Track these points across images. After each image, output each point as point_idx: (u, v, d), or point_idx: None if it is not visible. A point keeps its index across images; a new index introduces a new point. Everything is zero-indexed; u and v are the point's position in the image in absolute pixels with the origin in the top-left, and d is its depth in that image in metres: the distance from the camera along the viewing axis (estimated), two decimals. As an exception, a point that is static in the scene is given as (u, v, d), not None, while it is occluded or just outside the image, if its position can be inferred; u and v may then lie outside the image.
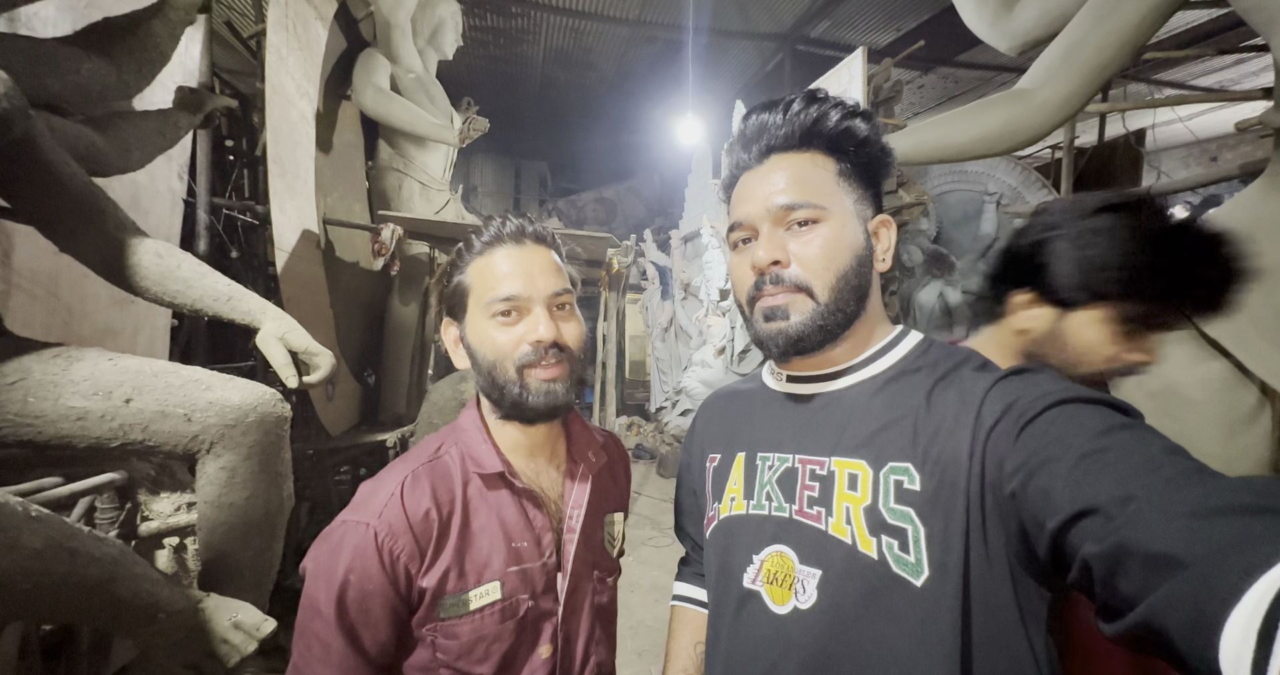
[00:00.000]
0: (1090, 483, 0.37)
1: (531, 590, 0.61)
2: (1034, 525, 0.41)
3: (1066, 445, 0.40)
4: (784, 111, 0.57)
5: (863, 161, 0.57)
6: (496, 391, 0.61)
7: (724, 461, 0.64)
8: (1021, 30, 1.62)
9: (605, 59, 6.34)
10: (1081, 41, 1.32)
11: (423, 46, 3.73)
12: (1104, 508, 0.36)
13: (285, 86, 2.22)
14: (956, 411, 0.48)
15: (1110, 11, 1.27)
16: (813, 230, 0.54)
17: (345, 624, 0.54)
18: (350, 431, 3.14)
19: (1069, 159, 2.66)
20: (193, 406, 0.93)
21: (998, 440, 0.45)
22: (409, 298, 3.57)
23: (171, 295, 1.05)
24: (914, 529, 0.47)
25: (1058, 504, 0.38)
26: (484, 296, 0.61)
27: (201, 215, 2.26)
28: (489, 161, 9.25)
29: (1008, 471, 0.43)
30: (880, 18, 5.16)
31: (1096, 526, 0.36)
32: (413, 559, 0.56)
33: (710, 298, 4.54)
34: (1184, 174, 6.17)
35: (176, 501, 1.05)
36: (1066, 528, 0.38)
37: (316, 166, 2.63)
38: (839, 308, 0.54)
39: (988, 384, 0.48)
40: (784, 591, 0.52)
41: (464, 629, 0.57)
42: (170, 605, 0.85)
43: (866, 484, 0.50)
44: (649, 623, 2.66)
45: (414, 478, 0.59)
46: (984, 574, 0.45)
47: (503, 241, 0.62)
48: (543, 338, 0.59)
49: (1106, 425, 0.40)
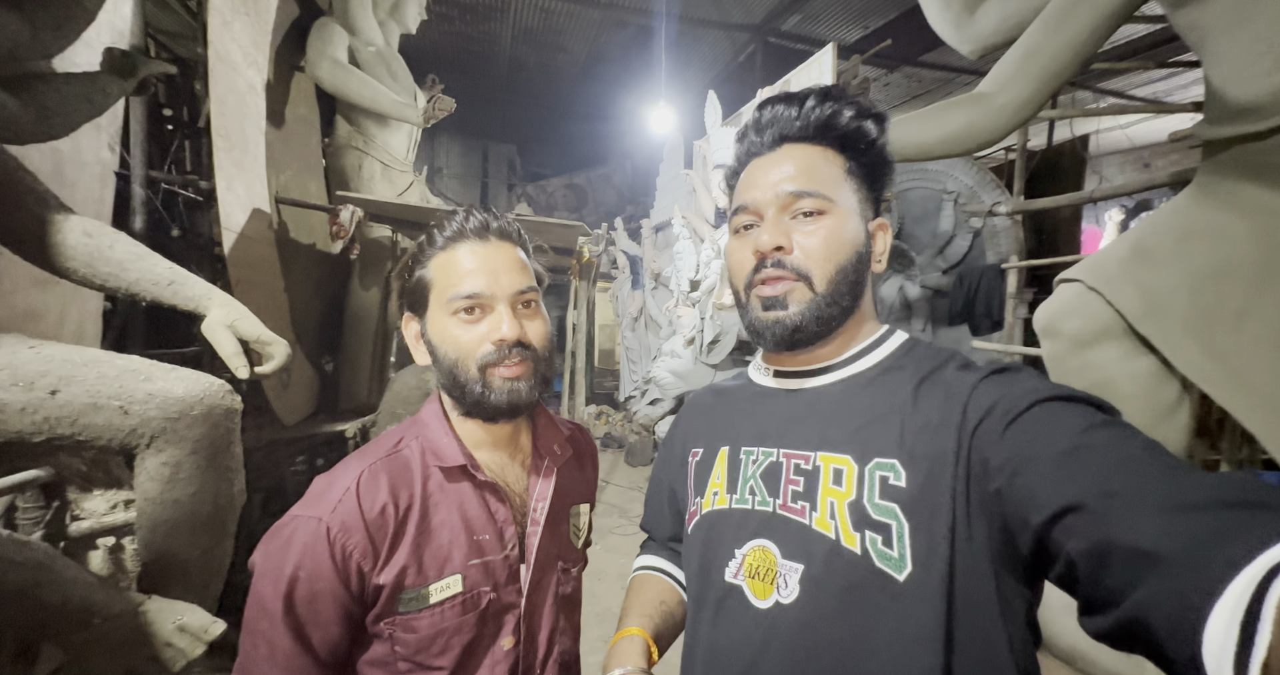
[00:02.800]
0: (1073, 479, 0.37)
1: (494, 582, 0.61)
2: (1018, 522, 0.41)
3: (1049, 443, 0.40)
4: (800, 104, 0.57)
5: (869, 162, 0.58)
6: (458, 389, 0.60)
7: (706, 455, 0.63)
8: (982, 35, 1.67)
9: (576, 42, 6.19)
10: (1037, 49, 1.37)
11: (383, 18, 3.54)
12: (1087, 504, 0.36)
13: (231, 53, 2.06)
14: (942, 409, 0.48)
15: (1063, 22, 1.33)
16: (817, 221, 0.54)
17: (293, 623, 0.52)
18: (307, 421, 3.02)
19: (1022, 161, 2.78)
20: (130, 398, 0.87)
21: (983, 437, 0.45)
22: (370, 282, 3.44)
23: (103, 278, 0.97)
24: (898, 524, 0.46)
25: (1041, 501, 0.39)
26: (446, 293, 0.59)
27: (137, 190, 2.10)
28: (455, 143, 8.92)
29: (992, 468, 0.43)
30: (849, 14, 5.22)
31: (1079, 523, 0.36)
32: (366, 556, 0.54)
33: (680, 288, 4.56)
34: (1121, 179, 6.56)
35: (112, 499, 0.98)
36: (1050, 524, 0.38)
37: (268, 141, 2.47)
38: (836, 300, 0.54)
39: (973, 382, 0.49)
40: (766, 586, 0.52)
41: (423, 623, 0.56)
42: (106, 609, 0.80)
43: (852, 479, 0.50)
44: (615, 610, 2.66)
45: (371, 473, 0.58)
46: (967, 571, 0.45)
47: (466, 237, 0.61)
48: (505, 337, 0.58)
49: (1087, 422, 0.41)
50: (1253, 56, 1.15)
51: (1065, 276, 1.52)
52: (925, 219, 4.33)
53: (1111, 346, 1.43)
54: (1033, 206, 2.68)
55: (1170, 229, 1.38)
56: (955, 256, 4.18)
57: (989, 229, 4.07)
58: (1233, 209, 1.28)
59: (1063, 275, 1.54)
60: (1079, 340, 1.48)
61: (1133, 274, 1.39)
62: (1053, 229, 4.03)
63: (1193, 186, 1.39)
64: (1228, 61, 1.20)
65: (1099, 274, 1.44)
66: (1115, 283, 1.41)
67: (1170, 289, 1.33)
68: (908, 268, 4.34)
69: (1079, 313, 1.47)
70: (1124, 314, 1.39)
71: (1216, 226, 1.29)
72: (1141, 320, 1.36)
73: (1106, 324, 1.43)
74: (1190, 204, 1.37)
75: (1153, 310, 1.35)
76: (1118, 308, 1.40)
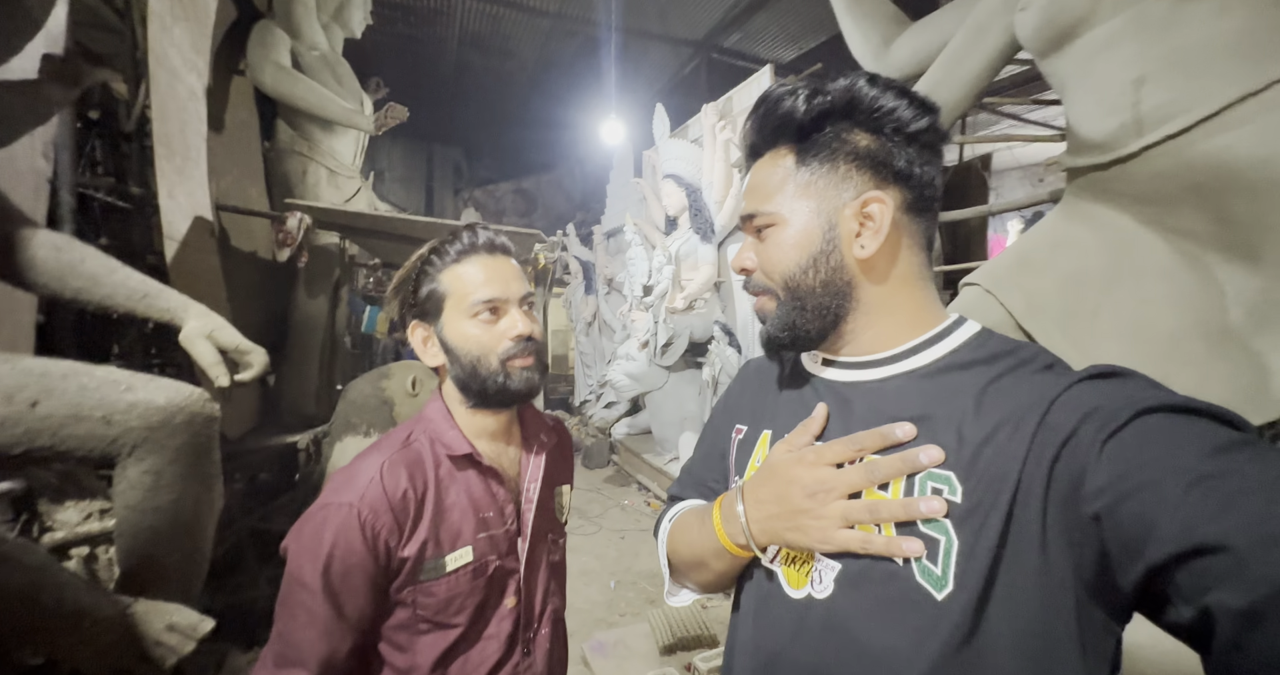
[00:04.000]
0: (1211, 514, 0.32)
1: (498, 552, 0.72)
2: (1124, 554, 0.36)
3: (1171, 466, 0.35)
4: (749, 121, 0.56)
5: (830, 142, 0.51)
6: (478, 382, 0.70)
7: (749, 436, 0.61)
8: (897, 65, 1.91)
9: (525, 48, 6.23)
10: (939, 84, 1.61)
11: (327, 22, 3.48)
12: (1237, 548, 0.31)
13: (171, 59, 2.00)
14: (1015, 418, 0.43)
15: (961, 61, 1.58)
16: (768, 235, 0.54)
17: (330, 592, 0.61)
18: (250, 434, 2.91)
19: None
20: (111, 408, 0.89)
21: (1074, 453, 0.39)
22: (317, 290, 3.35)
23: (74, 292, 0.97)
24: (947, 540, 0.43)
25: (1165, 534, 0.34)
26: (465, 299, 0.69)
27: (66, 197, 1.99)
28: (398, 145, 8.66)
29: (1089, 490, 0.38)
30: (785, 35, 5.58)
31: (1225, 569, 0.31)
32: (392, 534, 0.64)
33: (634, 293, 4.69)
34: (1019, 193, 7.32)
35: (85, 509, 0.98)
36: (1177, 563, 0.33)
37: (208, 147, 2.39)
38: (802, 306, 0.53)
39: (1058, 388, 0.43)
40: (800, 576, 0.50)
41: (441, 588, 0.67)
42: (96, 612, 0.82)
43: (899, 487, 0.46)
44: (577, 605, 2.77)
45: (391, 463, 0.67)
46: (1024, 599, 0.41)
47: (476, 251, 0.72)
48: (522, 332, 0.69)
49: (1219, 442, 0.35)
50: (1095, 102, 1.41)
51: (967, 281, 1.77)
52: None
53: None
54: (945, 218, 3.02)
55: (1044, 240, 1.65)
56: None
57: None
58: (1088, 224, 1.55)
59: (965, 280, 1.78)
60: (977, 336, 1.72)
61: (1017, 278, 1.64)
62: (965, 237, 4.49)
63: (1061, 204, 1.66)
64: (1079, 104, 1.47)
65: (992, 279, 1.69)
66: (1004, 286, 1.65)
67: (1045, 291, 1.58)
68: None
69: (977, 312, 1.71)
70: (1012, 313, 1.64)
71: (1075, 238, 1.56)
72: (1025, 318, 1.61)
73: (998, 322, 1.67)
74: (1058, 219, 1.64)
75: (1033, 309, 1.60)
76: (1007, 307, 1.64)
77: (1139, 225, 1.43)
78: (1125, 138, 1.35)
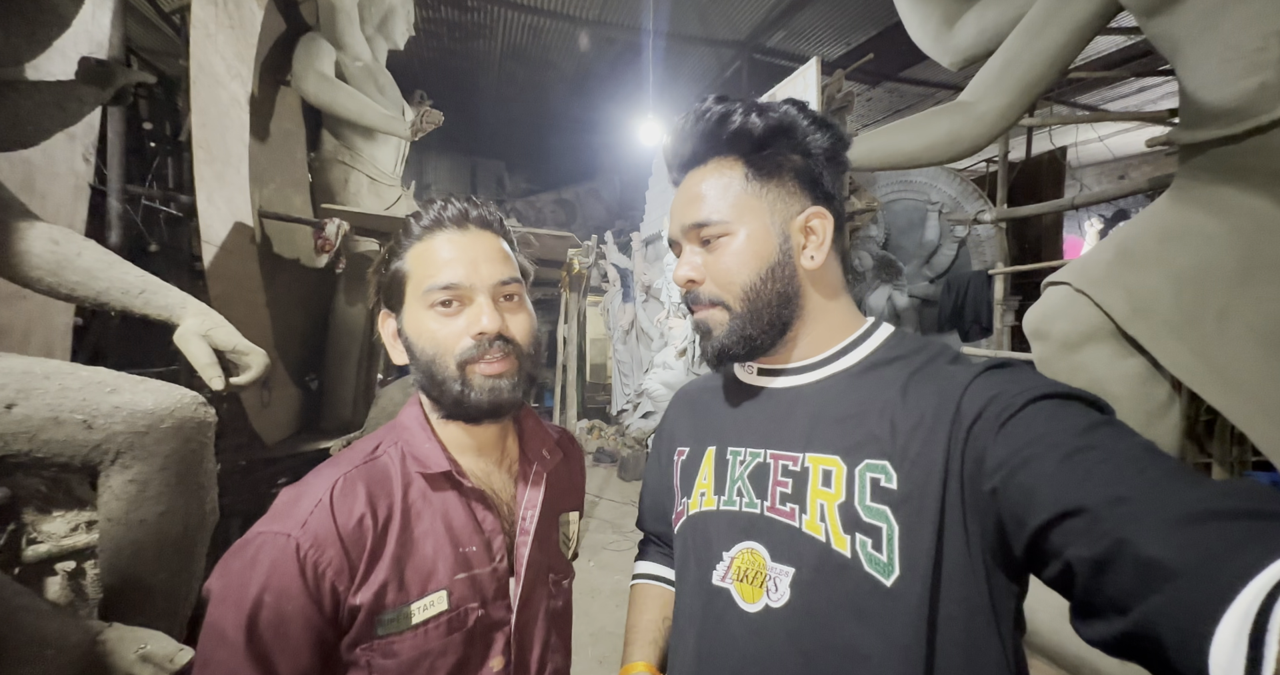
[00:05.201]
0: (1076, 482, 0.37)
1: (481, 598, 0.56)
2: (1014, 522, 0.41)
3: (1050, 443, 0.40)
4: (682, 128, 0.56)
5: (772, 157, 0.54)
6: (436, 389, 0.56)
7: (693, 455, 0.62)
8: (961, 46, 1.71)
9: (565, 58, 6.27)
10: (1015, 59, 1.40)
11: (371, 34, 3.56)
12: (1092, 508, 0.35)
13: (214, 65, 2.05)
14: (935, 406, 0.47)
15: (1039, 33, 1.36)
16: (720, 245, 0.54)
17: (257, 652, 0.47)
18: (289, 440, 2.94)
19: (1003, 169, 2.83)
20: (94, 411, 0.82)
21: (977, 436, 0.44)
22: (355, 297, 3.39)
23: (70, 287, 0.93)
24: (888, 527, 0.46)
25: (1041, 502, 0.38)
26: (422, 284, 0.56)
27: (114, 203, 2.05)
28: (444, 159, 8.96)
29: (988, 468, 0.42)
30: (832, 31, 5.36)
31: (1083, 527, 0.35)
32: (341, 574, 0.50)
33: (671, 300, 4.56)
34: (1098, 189, 6.75)
35: (73, 520, 0.92)
36: (1050, 526, 0.37)
37: (251, 155, 2.44)
38: (756, 316, 0.54)
39: (967, 378, 0.47)
40: (755, 589, 0.50)
41: (405, 646, 0.52)
42: (61, 640, 0.74)
43: (841, 480, 0.49)
44: (610, 628, 2.61)
45: (346, 481, 0.53)
46: (960, 573, 0.44)
47: (444, 226, 0.58)
48: (486, 329, 0.54)
49: (1088, 422, 0.40)
50: (1223, 62, 1.18)
51: (1053, 280, 1.54)
52: (911, 230, 4.41)
53: (1100, 348, 1.43)
54: (1017, 213, 2.72)
55: (1151, 231, 1.40)
56: (941, 265, 4.24)
57: (973, 238, 4.14)
58: (1210, 210, 1.30)
59: (1050, 278, 1.55)
60: (1067, 342, 1.48)
61: (1118, 275, 1.40)
62: (1036, 237, 4.11)
63: (1171, 190, 1.41)
64: (1200, 68, 1.23)
65: (1086, 276, 1.45)
66: (1102, 284, 1.42)
67: (1154, 290, 1.34)
68: (895, 277, 4.40)
69: (1067, 315, 1.48)
70: (1111, 315, 1.40)
71: (1195, 227, 1.31)
72: (1129, 321, 1.37)
73: (1094, 325, 1.44)
74: (1169, 207, 1.40)
75: (1139, 311, 1.36)
76: (1105, 309, 1.40)
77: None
78: (1265, 102, 1.12)
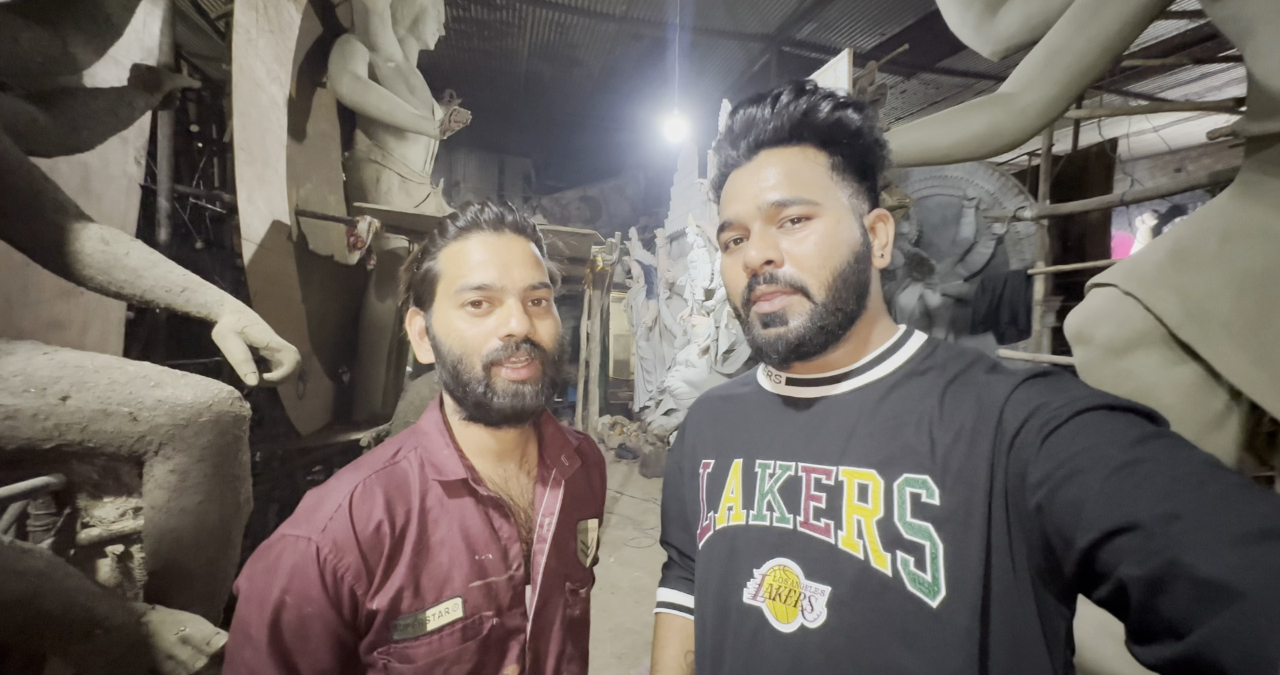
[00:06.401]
0: (1127, 497, 0.35)
1: (497, 606, 0.57)
2: (1060, 541, 0.39)
3: (1097, 456, 0.37)
4: (772, 104, 0.54)
5: (857, 154, 0.54)
6: (460, 389, 0.56)
7: (719, 468, 0.60)
8: (1004, 35, 1.63)
9: (591, 55, 6.28)
10: (1063, 47, 1.32)
11: (403, 35, 3.63)
12: (1145, 525, 0.33)
13: (254, 69, 2.12)
14: (975, 418, 0.45)
15: (1091, 19, 1.28)
16: (806, 227, 0.52)
17: (279, 651, 0.48)
18: (322, 431, 3.05)
19: (1047, 164, 2.70)
20: (139, 404, 0.87)
21: (1021, 450, 0.42)
22: (386, 293, 3.48)
23: (119, 285, 0.98)
24: (932, 545, 0.44)
25: (1090, 519, 0.36)
26: (454, 284, 0.56)
27: (163, 202, 2.16)
28: (473, 157, 9.11)
29: (1031, 483, 0.40)
30: (865, 22, 5.20)
31: (1136, 545, 0.34)
32: (359, 579, 0.51)
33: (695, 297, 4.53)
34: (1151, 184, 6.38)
35: (121, 506, 0.98)
36: (1100, 544, 0.35)
37: (289, 155, 2.53)
38: (838, 307, 0.51)
39: (1007, 388, 0.45)
40: (789, 609, 0.49)
41: (420, 651, 0.53)
42: (108, 620, 0.78)
43: (878, 495, 0.47)
44: (629, 625, 2.62)
45: (365, 487, 0.54)
46: (1008, 593, 0.42)
47: (480, 228, 0.58)
48: (514, 332, 0.55)
49: (1138, 434, 0.38)
50: (1300, 45, 1.09)
51: (1098, 281, 1.46)
52: (945, 226, 4.25)
53: (1149, 354, 1.35)
54: (1060, 210, 2.59)
55: (1212, 230, 1.31)
56: (977, 264, 4.08)
57: (1012, 235, 3.96)
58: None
59: (1095, 279, 1.47)
60: (1113, 347, 1.40)
61: (1172, 277, 1.32)
62: (1080, 235, 3.91)
63: (1235, 185, 1.32)
64: (1273, 53, 1.14)
65: (1135, 278, 1.37)
66: (1153, 287, 1.34)
67: (1213, 293, 1.26)
68: (928, 276, 4.25)
69: (1113, 318, 1.40)
70: (1163, 319, 1.31)
71: (1263, 226, 1.22)
72: (1183, 326, 1.29)
73: (1143, 330, 1.35)
74: (1233, 203, 1.30)
75: (1194, 315, 1.28)
76: (1156, 313, 1.32)
77: None
78: (1348, 89, 1.03)
